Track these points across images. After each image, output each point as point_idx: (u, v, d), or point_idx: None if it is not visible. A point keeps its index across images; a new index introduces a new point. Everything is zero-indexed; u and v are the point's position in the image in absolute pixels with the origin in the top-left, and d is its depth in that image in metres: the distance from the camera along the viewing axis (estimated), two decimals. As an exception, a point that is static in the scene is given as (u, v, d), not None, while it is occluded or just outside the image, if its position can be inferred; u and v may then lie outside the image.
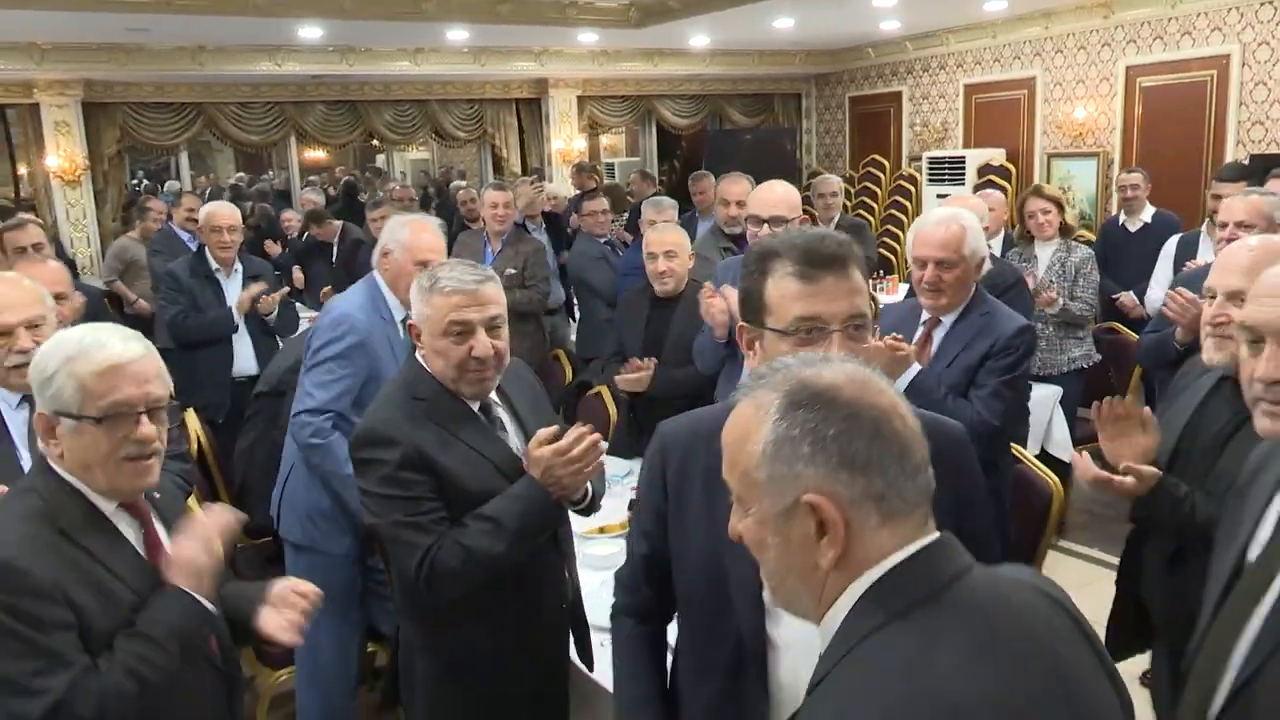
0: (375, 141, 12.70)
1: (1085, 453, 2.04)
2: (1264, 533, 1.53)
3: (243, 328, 4.77)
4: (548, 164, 11.44)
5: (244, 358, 4.77)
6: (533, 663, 2.20)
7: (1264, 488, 1.58)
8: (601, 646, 2.32)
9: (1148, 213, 5.90)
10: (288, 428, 3.02)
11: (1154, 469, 1.90)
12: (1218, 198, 4.44)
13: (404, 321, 3.08)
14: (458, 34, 9.06)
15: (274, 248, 8.09)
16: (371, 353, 2.94)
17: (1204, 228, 4.66)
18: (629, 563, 1.81)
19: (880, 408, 1.04)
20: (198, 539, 1.77)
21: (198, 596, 1.72)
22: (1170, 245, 4.79)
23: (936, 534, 1.05)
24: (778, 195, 3.33)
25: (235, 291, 4.82)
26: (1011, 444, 2.95)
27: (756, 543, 1.09)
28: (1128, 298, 5.24)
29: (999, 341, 2.71)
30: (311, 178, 12.67)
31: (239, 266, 4.89)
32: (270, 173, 15.68)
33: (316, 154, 14.08)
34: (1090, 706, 1.01)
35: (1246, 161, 6.66)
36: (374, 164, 16.67)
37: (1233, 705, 1.44)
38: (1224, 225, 3.10)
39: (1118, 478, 1.91)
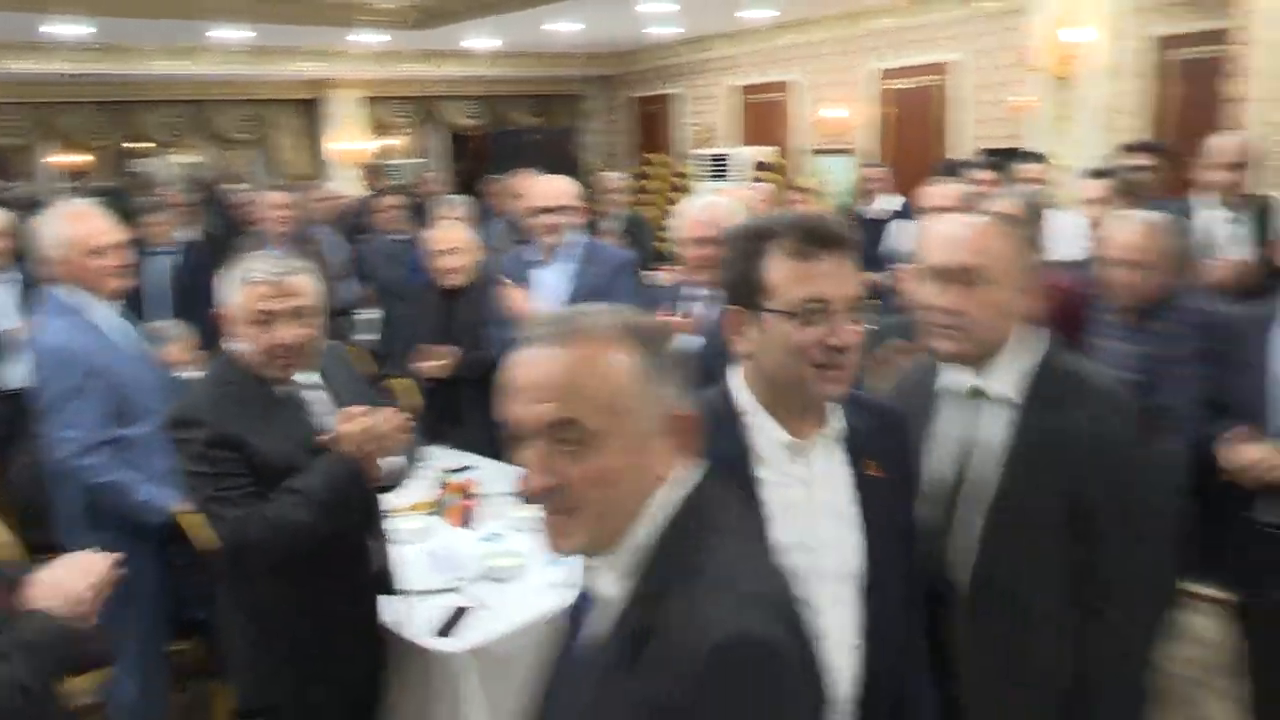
0: (140, 145, 11.99)
1: None
2: (939, 452, 1.79)
3: (10, 340, 4.52)
4: (328, 165, 11.22)
5: (11, 370, 4.53)
6: (346, 627, 2.34)
7: (922, 409, 1.82)
8: (410, 608, 2.50)
9: (896, 202, 6.59)
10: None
11: None
12: (938, 189, 5.18)
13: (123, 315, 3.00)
14: (236, 33, 8.78)
15: None
16: (105, 371, 2.81)
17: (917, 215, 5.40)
18: None
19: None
20: (78, 569, 1.81)
21: (56, 617, 1.73)
22: (893, 229, 5.54)
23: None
24: (558, 187, 3.58)
25: (3, 300, 4.56)
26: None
27: (608, 476, 1.10)
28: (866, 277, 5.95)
29: None
30: (69, 184, 11.79)
31: (16, 275, 4.63)
32: (14, 179, 14.39)
33: (70, 158, 13.08)
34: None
35: (976, 156, 7.50)
36: (131, 168, 15.59)
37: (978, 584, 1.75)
38: (927, 211, 3.63)
39: None
